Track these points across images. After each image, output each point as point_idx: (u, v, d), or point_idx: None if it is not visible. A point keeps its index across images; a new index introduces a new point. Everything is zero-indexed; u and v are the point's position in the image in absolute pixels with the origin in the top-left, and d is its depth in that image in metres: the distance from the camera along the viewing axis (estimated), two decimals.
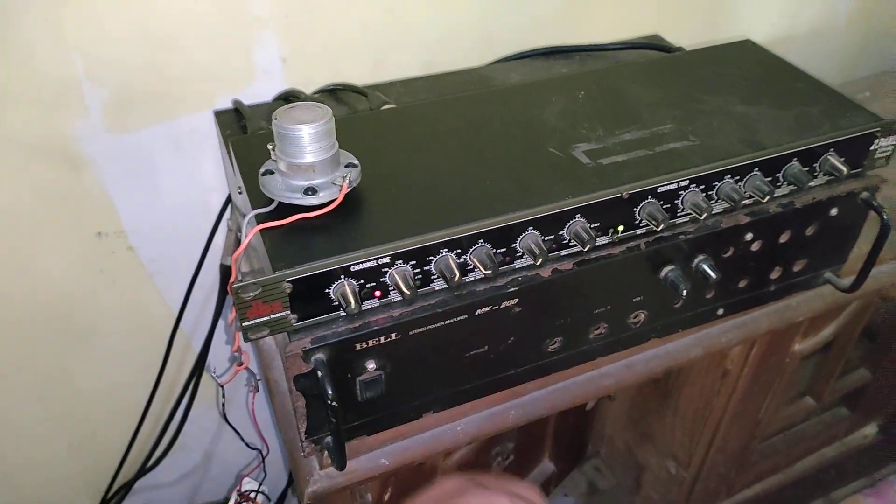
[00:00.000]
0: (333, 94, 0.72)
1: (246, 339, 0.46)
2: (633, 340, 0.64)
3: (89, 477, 0.93)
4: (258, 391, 0.57)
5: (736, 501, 1.13)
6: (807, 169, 0.59)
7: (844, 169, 0.59)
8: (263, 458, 0.66)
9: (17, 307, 0.75)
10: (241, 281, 0.43)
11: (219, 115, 0.70)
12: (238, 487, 0.74)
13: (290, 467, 0.56)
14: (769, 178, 0.58)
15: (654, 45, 0.83)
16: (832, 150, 0.59)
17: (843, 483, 1.32)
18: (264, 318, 0.45)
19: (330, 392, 0.46)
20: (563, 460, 1.18)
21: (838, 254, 0.68)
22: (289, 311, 0.46)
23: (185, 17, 0.65)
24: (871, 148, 0.61)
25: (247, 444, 0.65)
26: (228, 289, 0.44)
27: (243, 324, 0.45)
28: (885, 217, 0.62)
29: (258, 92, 0.72)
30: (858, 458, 1.27)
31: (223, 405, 0.58)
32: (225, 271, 0.74)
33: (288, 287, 0.44)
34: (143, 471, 0.88)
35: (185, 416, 0.82)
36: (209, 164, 0.75)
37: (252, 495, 0.74)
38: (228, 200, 0.75)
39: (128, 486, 0.91)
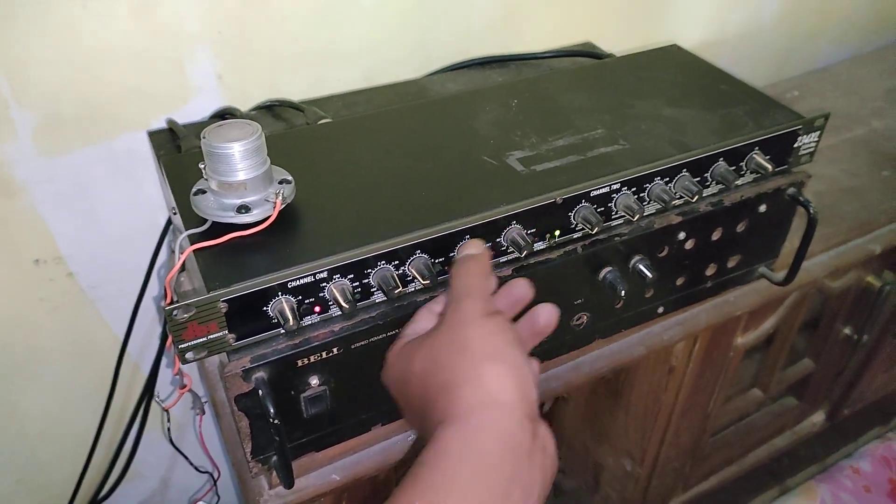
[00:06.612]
0: (271, 111, 0.72)
1: (183, 362, 0.45)
2: (578, 342, 0.65)
3: None
4: (204, 413, 0.57)
5: (693, 495, 1.15)
6: (733, 168, 0.61)
7: (770, 167, 0.61)
8: (215, 482, 0.65)
9: None
10: (175, 303, 0.43)
11: (153, 135, 0.69)
12: None
13: (240, 489, 0.56)
14: (697, 179, 0.59)
15: (586, 52, 0.85)
16: (757, 148, 0.61)
17: (796, 471, 1.36)
18: (201, 340, 0.45)
19: (272, 410, 0.46)
20: None
21: (770, 249, 0.70)
22: (226, 331, 0.45)
23: (114, 37, 0.64)
24: (795, 145, 0.64)
25: (196, 469, 0.64)
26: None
27: (179, 346, 0.44)
28: (811, 211, 0.64)
29: (195, 110, 0.71)
30: (809, 445, 1.32)
31: (168, 430, 0.57)
32: None
33: (223, 306, 0.44)
34: (96, 502, 0.86)
35: (136, 442, 0.80)
36: (149, 186, 0.74)
37: None
38: (170, 222, 0.74)
39: None
